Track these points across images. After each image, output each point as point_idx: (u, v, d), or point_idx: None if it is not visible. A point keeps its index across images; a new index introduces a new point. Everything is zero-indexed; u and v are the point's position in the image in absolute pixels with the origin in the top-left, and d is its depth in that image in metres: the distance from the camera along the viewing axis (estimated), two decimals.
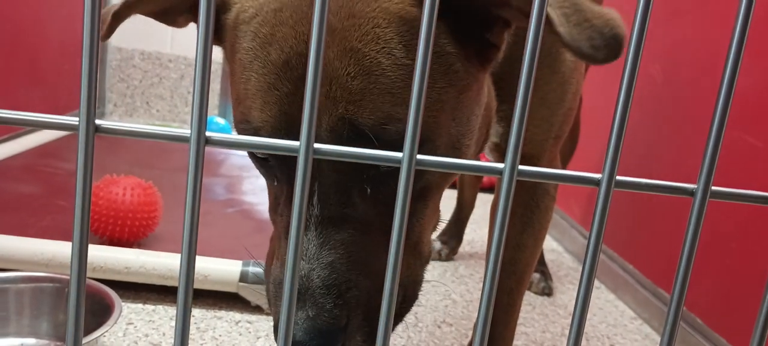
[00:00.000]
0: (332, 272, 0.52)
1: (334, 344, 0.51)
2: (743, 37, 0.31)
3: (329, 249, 0.52)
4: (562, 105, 0.79)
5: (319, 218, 0.52)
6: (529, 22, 0.30)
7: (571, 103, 0.80)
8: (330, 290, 0.51)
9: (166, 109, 2.86)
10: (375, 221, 0.55)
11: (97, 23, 0.28)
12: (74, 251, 0.29)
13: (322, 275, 0.51)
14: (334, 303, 0.51)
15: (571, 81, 0.78)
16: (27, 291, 1.00)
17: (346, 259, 0.53)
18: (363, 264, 0.54)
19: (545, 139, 0.80)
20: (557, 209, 1.94)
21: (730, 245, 1.20)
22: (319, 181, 0.53)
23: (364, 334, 0.54)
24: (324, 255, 0.52)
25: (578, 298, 0.32)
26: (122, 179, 1.26)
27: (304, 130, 0.30)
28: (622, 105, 0.30)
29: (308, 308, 0.51)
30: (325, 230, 0.52)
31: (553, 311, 1.43)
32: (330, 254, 0.52)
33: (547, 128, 0.79)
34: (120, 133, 0.29)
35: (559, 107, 0.79)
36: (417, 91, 0.30)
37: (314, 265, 0.52)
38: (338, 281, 0.52)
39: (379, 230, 0.55)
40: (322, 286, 0.51)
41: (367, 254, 0.54)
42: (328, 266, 0.52)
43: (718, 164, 0.32)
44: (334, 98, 0.50)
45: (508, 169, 0.30)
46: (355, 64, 0.50)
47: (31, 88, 2.10)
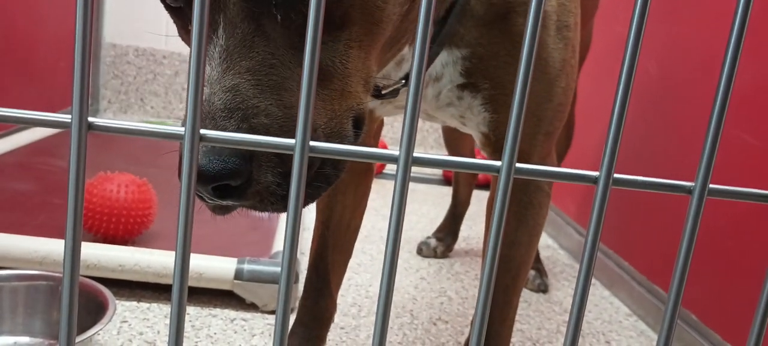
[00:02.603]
0: (236, 95, 0.48)
1: (237, 171, 0.47)
2: (741, 34, 0.31)
3: (233, 74, 0.49)
4: (551, 100, 0.78)
5: (224, 47, 0.49)
6: (527, 21, 0.30)
7: (561, 99, 0.79)
8: (232, 113, 0.48)
9: (160, 106, 2.85)
10: (286, 50, 0.51)
11: (89, 20, 0.27)
12: (67, 249, 0.29)
13: (223, 97, 0.48)
14: (237, 126, 0.48)
15: (561, 76, 0.77)
16: (21, 289, 0.99)
17: (253, 85, 0.49)
18: (273, 92, 0.50)
19: (534, 134, 0.78)
20: (552, 206, 1.94)
21: (727, 243, 1.20)
22: (225, 10, 0.50)
23: (277, 174, 0.50)
24: (227, 79, 0.49)
25: (575, 295, 0.32)
26: (116, 176, 1.26)
27: (300, 126, 0.30)
28: (620, 102, 0.30)
29: None
30: (229, 57, 0.49)
31: (548, 307, 1.43)
32: (233, 79, 0.49)
33: (536, 123, 0.78)
34: (113, 131, 0.28)
35: (547, 102, 0.77)
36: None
37: (216, 89, 0.48)
38: (243, 105, 0.48)
39: (293, 60, 0.51)
40: (223, 108, 0.48)
41: (278, 82, 0.50)
42: (230, 89, 0.48)
43: (715, 162, 0.31)
44: None
45: (506, 167, 0.30)
46: None
47: (25, 85, 2.09)
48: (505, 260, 0.84)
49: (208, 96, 0.48)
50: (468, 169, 0.33)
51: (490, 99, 0.75)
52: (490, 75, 0.75)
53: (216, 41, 0.50)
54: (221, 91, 0.48)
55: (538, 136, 0.79)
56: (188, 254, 0.30)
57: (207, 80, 0.48)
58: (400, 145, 0.32)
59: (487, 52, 0.73)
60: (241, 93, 0.48)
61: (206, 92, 0.49)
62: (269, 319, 1.18)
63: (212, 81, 0.49)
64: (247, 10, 0.50)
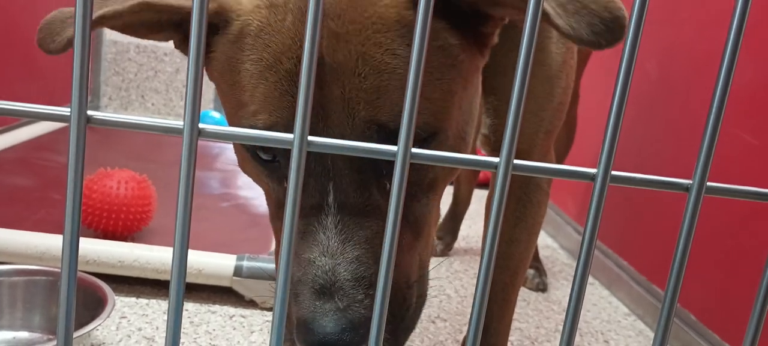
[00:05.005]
0: (359, 265, 0.50)
1: (366, 337, 0.49)
2: (740, 34, 0.31)
3: (353, 245, 0.51)
4: (551, 99, 0.79)
5: (338, 216, 0.52)
6: (525, 19, 0.30)
7: (560, 98, 0.80)
8: (359, 282, 0.50)
9: (161, 103, 2.85)
10: None
11: (89, 14, 0.27)
12: (65, 242, 0.29)
13: (349, 268, 0.50)
14: (364, 294, 0.50)
15: (560, 75, 0.78)
16: (20, 284, 0.99)
17: (371, 253, 0.52)
18: None
19: (535, 133, 0.80)
20: (552, 205, 1.94)
21: (724, 242, 1.20)
22: (336, 178, 0.52)
23: (388, 330, 0.53)
24: (348, 250, 0.51)
25: (572, 293, 0.32)
26: (116, 172, 1.26)
27: (298, 123, 0.30)
28: (618, 100, 0.30)
29: (338, 300, 0.49)
30: (346, 227, 0.52)
31: (547, 306, 1.43)
32: (355, 249, 0.51)
33: (537, 122, 0.79)
34: (112, 125, 0.28)
35: (547, 102, 0.79)
36: (411, 89, 0.30)
37: (339, 260, 0.50)
38: (366, 273, 0.50)
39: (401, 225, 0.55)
40: (350, 279, 0.50)
41: None
42: (354, 260, 0.51)
43: (713, 161, 0.31)
44: (350, 99, 0.51)
45: (504, 164, 0.30)
46: (363, 64, 0.51)
47: (27, 81, 2.09)
48: (503, 257, 0.85)
49: (331, 267, 0.50)
50: (466, 165, 0.33)
51: (494, 108, 0.76)
52: (497, 89, 0.76)
53: (327, 210, 0.52)
54: (346, 262, 0.50)
55: (538, 134, 0.80)
56: (186, 247, 0.30)
57: (326, 251, 0.50)
58: (399, 143, 0.32)
59: (496, 65, 0.73)
60: (363, 263, 0.50)
61: (328, 263, 0.50)
62: (268, 316, 1.18)
63: (333, 252, 0.51)
64: (359, 181, 0.52)
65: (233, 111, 0.57)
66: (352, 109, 0.51)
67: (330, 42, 0.52)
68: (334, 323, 0.48)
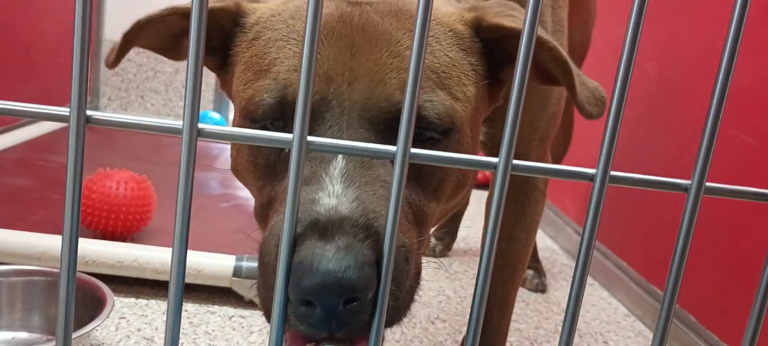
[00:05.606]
0: (359, 204, 0.50)
1: (370, 280, 0.46)
2: (738, 34, 0.31)
3: (356, 188, 0.51)
4: (545, 109, 0.84)
5: (344, 169, 0.52)
6: (522, 28, 0.30)
7: (554, 108, 0.85)
8: (359, 222, 0.48)
9: (160, 104, 2.85)
10: None
11: (88, 13, 0.27)
12: (65, 243, 0.29)
13: (349, 206, 0.49)
14: (365, 234, 0.48)
15: (553, 87, 0.81)
16: (19, 285, 0.99)
17: (373, 195, 0.51)
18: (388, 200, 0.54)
19: (530, 141, 0.85)
20: (552, 207, 1.94)
21: (723, 242, 1.20)
22: (342, 136, 0.54)
23: (393, 280, 0.52)
24: (350, 192, 0.50)
25: (572, 293, 0.32)
26: (116, 172, 1.26)
27: (297, 123, 0.30)
28: (617, 100, 0.30)
29: (338, 240, 0.47)
30: (350, 176, 0.52)
31: (546, 307, 1.43)
32: (355, 191, 0.51)
33: (531, 131, 0.84)
34: (111, 125, 0.28)
35: (541, 112, 0.84)
36: (411, 89, 0.30)
37: (342, 200, 0.50)
38: (366, 210, 0.49)
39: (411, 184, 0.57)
40: (349, 216, 0.48)
41: None
42: (355, 199, 0.50)
43: (712, 161, 0.32)
44: (384, 65, 0.56)
45: (503, 164, 0.30)
46: (408, 39, 0.57)
47: (26, 81, 2.09)
48: (503, 255, 0.87)
49: (334, 205, 0.50)
50: (467, 165, 0.33)
51: (489, 118, 0.77)
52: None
53: (335, 164, 0.53)
54: (347, 202, 0.50)
55: (533, 142, 0.85)
56: (185, 248, 0.30)
57: (330, 193, 0.51)
58: (398, 143, 0.32)
59: None
60: (363, 202, 0.50)
61: (330, 202, 0.50)
62: None
63: (337, 194, 0.51)
64: (366, 137, 0.55)
65: (251, 78, 0.60)
66: (384, 77, 0.55)
67: (377, 13, 0.58)
68: (336, 262, 0.45)
